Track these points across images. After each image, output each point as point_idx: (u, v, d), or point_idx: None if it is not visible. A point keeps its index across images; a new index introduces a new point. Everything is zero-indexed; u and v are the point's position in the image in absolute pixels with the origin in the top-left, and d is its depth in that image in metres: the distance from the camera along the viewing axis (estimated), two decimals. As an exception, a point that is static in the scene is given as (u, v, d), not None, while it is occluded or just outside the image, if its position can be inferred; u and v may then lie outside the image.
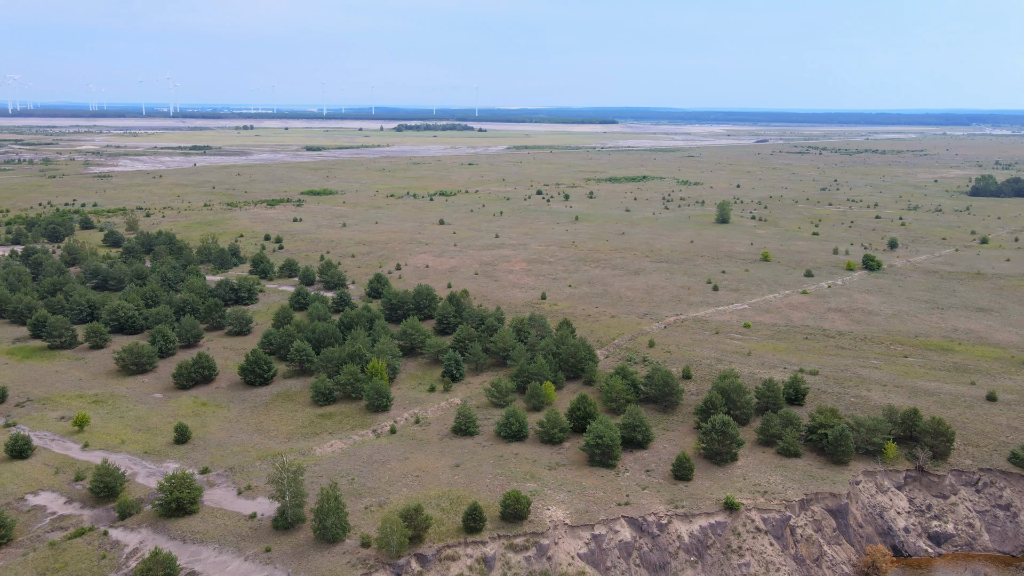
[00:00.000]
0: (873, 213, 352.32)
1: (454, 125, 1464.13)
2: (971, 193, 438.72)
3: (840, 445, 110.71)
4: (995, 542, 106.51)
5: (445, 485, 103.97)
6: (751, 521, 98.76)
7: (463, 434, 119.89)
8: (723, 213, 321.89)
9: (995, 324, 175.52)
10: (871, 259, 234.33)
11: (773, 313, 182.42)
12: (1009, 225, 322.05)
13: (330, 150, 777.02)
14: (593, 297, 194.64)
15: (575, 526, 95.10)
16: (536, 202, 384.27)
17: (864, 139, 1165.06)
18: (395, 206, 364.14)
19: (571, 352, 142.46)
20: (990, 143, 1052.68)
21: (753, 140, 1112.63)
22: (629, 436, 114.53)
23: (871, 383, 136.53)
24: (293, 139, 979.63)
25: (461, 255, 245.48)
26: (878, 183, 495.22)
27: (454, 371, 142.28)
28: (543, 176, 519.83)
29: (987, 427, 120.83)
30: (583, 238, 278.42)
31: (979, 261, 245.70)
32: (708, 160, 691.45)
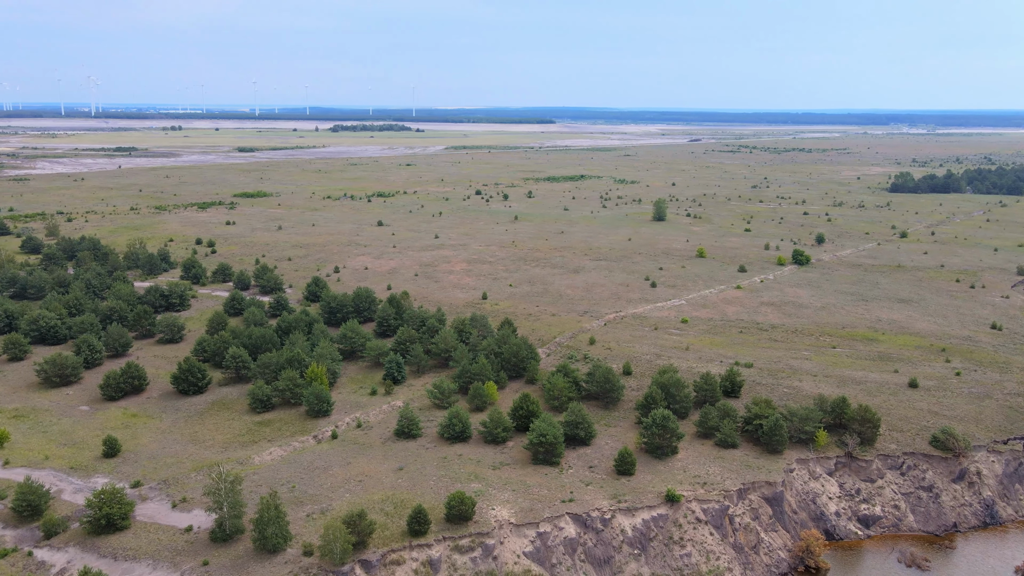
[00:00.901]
0: (801, 209, 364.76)
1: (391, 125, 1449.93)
2: (891, 189, 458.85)
3: (775, 435, 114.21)
4: (919, 522, 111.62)
5: (389, 489, 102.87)
6: (692, 512, 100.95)
7: (406, 437, 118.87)
8: (659, 211, 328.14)
9: (915, 314, 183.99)
10: (800, 254, 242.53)
11: (709, 308, 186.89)
12: (926, 220, 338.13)
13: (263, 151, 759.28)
14: (534, 296, 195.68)
15: (520, 525, 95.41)
16: (475, 202, 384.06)
17: (791, 138, 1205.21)
18: (332, 208, 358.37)
19: (513, 351, 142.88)
20: (907, 142, 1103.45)
21: (687, 139, 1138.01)
22: (572, 433, 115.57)
23: (802, 374, 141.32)
24: (224, 140, 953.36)
25: (401, 256, 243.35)
26: (805, 180, 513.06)
27: (396, 374, 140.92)
28: (482, 176, 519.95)
29: (910, 413, 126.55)
30: (523, 237, 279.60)
31: (900, 254, 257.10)
32: (644, 159, 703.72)
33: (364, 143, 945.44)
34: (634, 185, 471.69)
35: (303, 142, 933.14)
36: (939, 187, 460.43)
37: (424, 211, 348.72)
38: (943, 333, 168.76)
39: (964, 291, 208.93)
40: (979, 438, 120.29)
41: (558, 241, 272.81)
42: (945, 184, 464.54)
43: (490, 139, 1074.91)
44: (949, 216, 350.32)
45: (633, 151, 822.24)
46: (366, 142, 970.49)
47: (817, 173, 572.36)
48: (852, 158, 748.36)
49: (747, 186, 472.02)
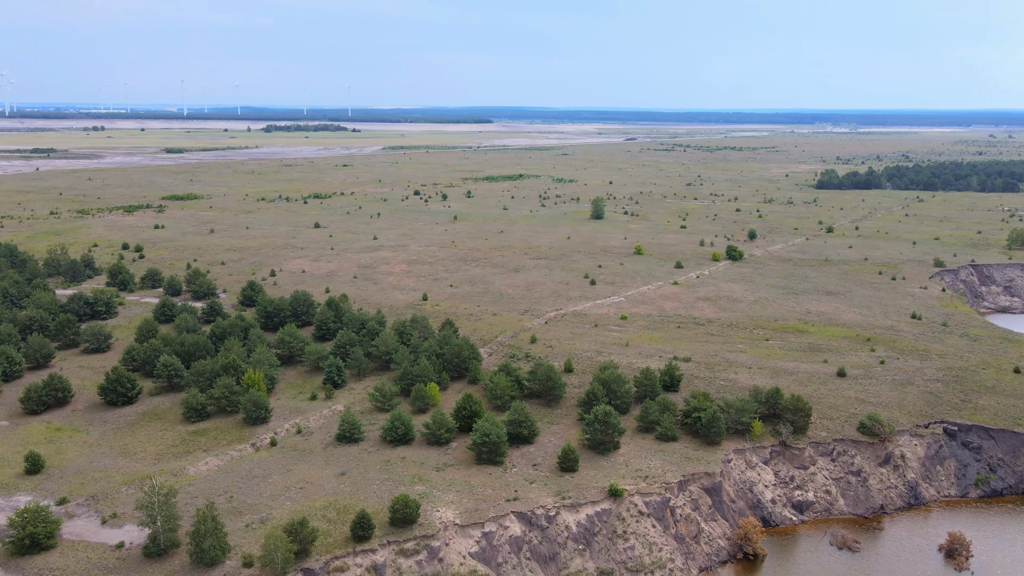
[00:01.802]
0: (734, 206, 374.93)
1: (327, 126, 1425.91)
2: (817, 186, 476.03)
3: (712, 427, 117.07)
4: (849, 506, 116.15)
5: (331, 495, 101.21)
6: (634, 506, 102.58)
7: (348, 441, 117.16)
8: (597, 209, 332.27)
9: (842, 306, 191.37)
10: (734, 250, 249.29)
11: (648, 304, 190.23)
12: (850, 215, 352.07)
13: (193, 152, 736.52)
14: (475, 296, 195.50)
15: (465, 525, 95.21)
16: (414, 202, 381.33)
17: (723, 137, 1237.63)
18: (267, 210, 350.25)
19: (455, 352, 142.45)
20: (832, 140, 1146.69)
21: (623, 138, 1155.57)
22: (515, 432, 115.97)
23: (738, 366, 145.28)
24: (151, 141, 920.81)
25: (339, 259, 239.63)
26: (737, 178, 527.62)
27: (336, 378, 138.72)
28: (420, 176, 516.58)
29: (839, 401, 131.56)
30: (462, 237, 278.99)
31: (826, 248, 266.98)
32: (581, 158, 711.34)
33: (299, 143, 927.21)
34: (572, 184, 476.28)
35: (235, 143, 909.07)
36: (862, 184, 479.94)
37: (362, 212, 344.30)
38: (868, 324, 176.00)
39: (886, 283, 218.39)
40: (902, 423, 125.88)
41: (498, 240, 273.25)
42: (867, 181, 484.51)
43: (428, 139, 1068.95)
44: (871, 211, 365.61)
45: (571, 150, 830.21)
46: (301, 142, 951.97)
47: (748, 171, 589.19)
48: (781, 156, 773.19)
49: (682, 184, 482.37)
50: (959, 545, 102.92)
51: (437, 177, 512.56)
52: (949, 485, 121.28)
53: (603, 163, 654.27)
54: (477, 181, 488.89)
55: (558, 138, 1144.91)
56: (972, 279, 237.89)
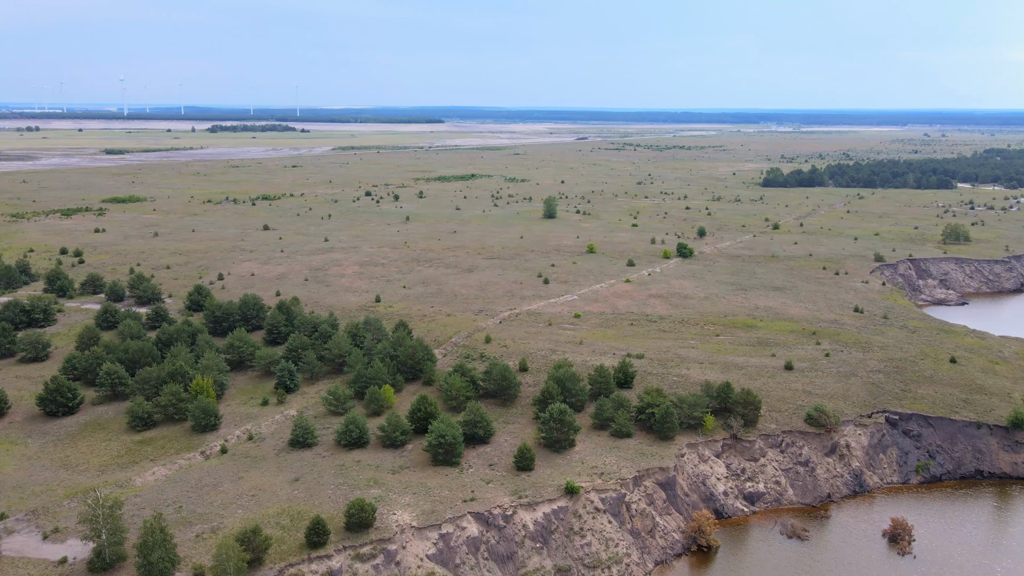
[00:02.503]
0: (683, 204, 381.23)
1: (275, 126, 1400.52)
2: (763, 184, 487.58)
3: (666, 422, 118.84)
4: (798, 495, 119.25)
5: (285, 502, 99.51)
6: (591, 503, 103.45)
7: (301, 446, 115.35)
8: (550, 208, 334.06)
9: (789, 301, 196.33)
10: (684, 247, 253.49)
11: (601, 302, 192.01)
12: (795, 212, 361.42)
13: (135, 153, 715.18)
14: (428, 297, 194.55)
15: (422, 528, 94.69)
16: (366, 203, 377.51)
17: (672, 136, 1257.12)
18: (213, 212, 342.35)
19: (409, 353, 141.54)
20: (776, 139, 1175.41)
21: (574, 138, 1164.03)
22: (471, 432, 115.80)
23: (690, 362, 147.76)
24: (89, 142, 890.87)
25: (289, 261, 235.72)
26: (686, 176, 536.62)
27: (288, 382, 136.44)
28: (371, 177, 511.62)
29: (786, 393, 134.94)
30: (415, 238, 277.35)
31: (773, 245, 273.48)
32: (533, 157, 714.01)
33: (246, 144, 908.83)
34: (524, 183, 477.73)
35: (179, 143, 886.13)
36: (805, 181, 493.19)
37: (312, 214, 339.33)
38: (813, 317, 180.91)
39: (830, 278, 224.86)
40: (847, 413, 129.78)
41: (451, 241, 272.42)
42: (811, 179, 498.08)
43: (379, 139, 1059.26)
44: (815, 208, 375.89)
45: (522, 150, 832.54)
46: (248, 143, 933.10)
47: (697, 169, 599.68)
48: (728, 155, 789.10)
49: (633, 183, 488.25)
50: (902, 530, 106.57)
51: (389, 178, 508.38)
52: (891, 472, 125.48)
53: (555, 163, 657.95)
54: (429, 181, 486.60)
55: (510, 138, 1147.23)
56: (910, 273, 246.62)
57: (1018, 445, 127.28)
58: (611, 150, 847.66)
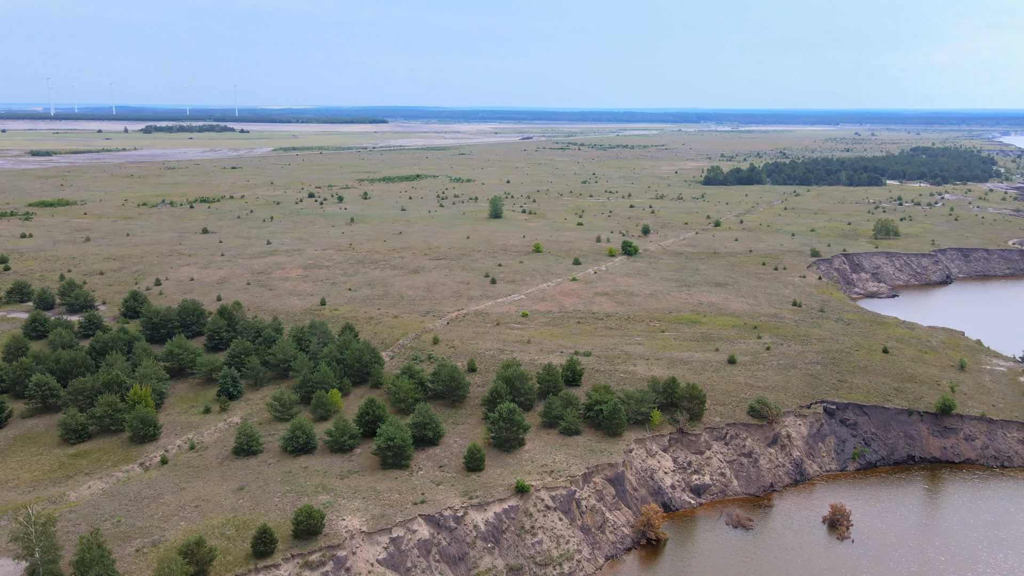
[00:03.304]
0: (628, 203, 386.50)
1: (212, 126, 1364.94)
2: (704, 182, 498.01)
3: (614, 418, 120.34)
4: (742, 486, 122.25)
5: (229, 511, 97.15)
6: (541, 501, 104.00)
7: (246, 454, 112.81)
8: (496, 208, 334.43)
9: (731, 296, 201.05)
10: (629, 245, 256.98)
11: (548, 301, 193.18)
12: (735, 209, 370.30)
13: (63, 155, 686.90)
14: (374, 299, 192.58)
15: (372, 532, 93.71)
16: (309, 205, 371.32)
17: (616, 136, 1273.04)
18: (149, 216, 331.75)
19: (356, 357, 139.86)
20: (716, 138, 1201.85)
21: (519, 137, 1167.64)
22: (420, 434, 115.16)
23: (636, 358, 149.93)
24: (13, 142, 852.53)
25: (230, 265, 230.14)
26: (630, 175, 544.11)
27: (231, 389, 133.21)
28: (314, 178, 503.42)
29: (730, 387, 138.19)
30: (360, 240, 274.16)
31: (715, 242, 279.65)
32: (479, 157, 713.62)
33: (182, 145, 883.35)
34: (470, 183, 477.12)
35: (111, 144, 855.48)
36: (744, 179, 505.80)
37: (254, 216, 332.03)
38: (754, 312, 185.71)
39: (769, 273, 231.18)
40: (787, 405, 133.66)
41: (397, 242, 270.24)
42: (749, 176, 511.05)
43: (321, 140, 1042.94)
44: (754, 206, 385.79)
45: (467, 150, 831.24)
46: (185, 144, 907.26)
47: (640, 168, 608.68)
48: (670, 154, 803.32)
49: (578, 182, 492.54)
50: (840, 516, 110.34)
51: (332, 179, 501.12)
52: (830, 460, 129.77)
53: (500, 162, 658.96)
54: (374, 182, 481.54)
55: (455, 138, 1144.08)
56: (844, 267, 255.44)
57: (947, 430, 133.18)
58: (556, 150, 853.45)
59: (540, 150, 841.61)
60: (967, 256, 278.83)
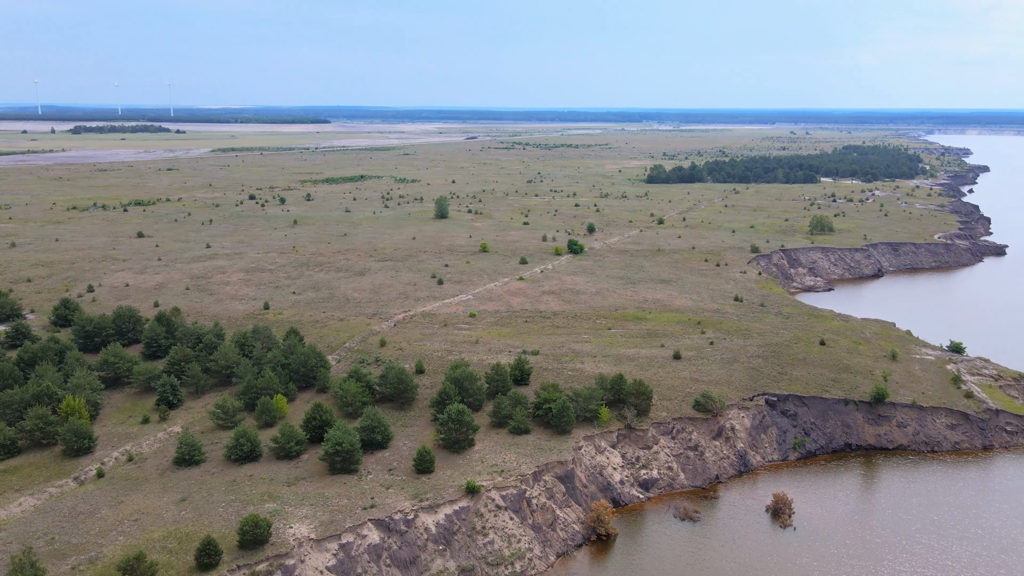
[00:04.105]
0: (573, 201, 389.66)
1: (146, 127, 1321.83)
2: (648, 181, 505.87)
3: (563, 416, 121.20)
4: (689, 479, 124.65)
5: (171, 524, 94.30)
6: (492, 501, 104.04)
7: (188, 464, 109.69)
8: (441, 208, 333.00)
9: (675, 292, 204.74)
10: (575, 243, 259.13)
11: (495, 301, 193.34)
12: (678, 207, 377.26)
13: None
14: (319, 302, 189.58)
15: (321, 539, 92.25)
16: (250, 207, 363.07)
17: (560, 135, 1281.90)
18: (80, 220, 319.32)
19: (301, 361, 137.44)
20: (658, 137, 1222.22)
21: (464, 137, 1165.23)
22: (369, 438, 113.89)
23: (584, 356, 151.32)
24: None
25: (168, 270, 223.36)
26: (574, 174, 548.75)
27: (170, 397, 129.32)
28: (255, 180, 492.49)
29: (676, 382, 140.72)
30: (304, 242, 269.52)
31: (659, 239, 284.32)
32: (423, 157, 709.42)
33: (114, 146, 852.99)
34: (415, 184, 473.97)
35: (37, 145, 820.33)
36: (686, 177, 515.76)
37: (192, 219, 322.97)
38: (698, 308, 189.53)
39: (712, 269, 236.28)
40: (731, 398, 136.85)
41: (341, 244, 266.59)
42: (691, 175, 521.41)
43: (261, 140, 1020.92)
44: (696, 203, 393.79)
45: (412, 150, 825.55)
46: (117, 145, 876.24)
47: (584, 167, 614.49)
48: (614, 153, 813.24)
49: (523, 181, 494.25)
50: (783, 504, 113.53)
51: (274, 180, 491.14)
52: (772, 451, 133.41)
53: (445, 162, 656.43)
54: (317, 183, 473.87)
55: (399, 138, 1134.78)
56: (783, 262, 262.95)
57: (880, 418, 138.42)
58: (501, 149, 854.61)
59: (485, 150, 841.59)
60: (896, 250, 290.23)
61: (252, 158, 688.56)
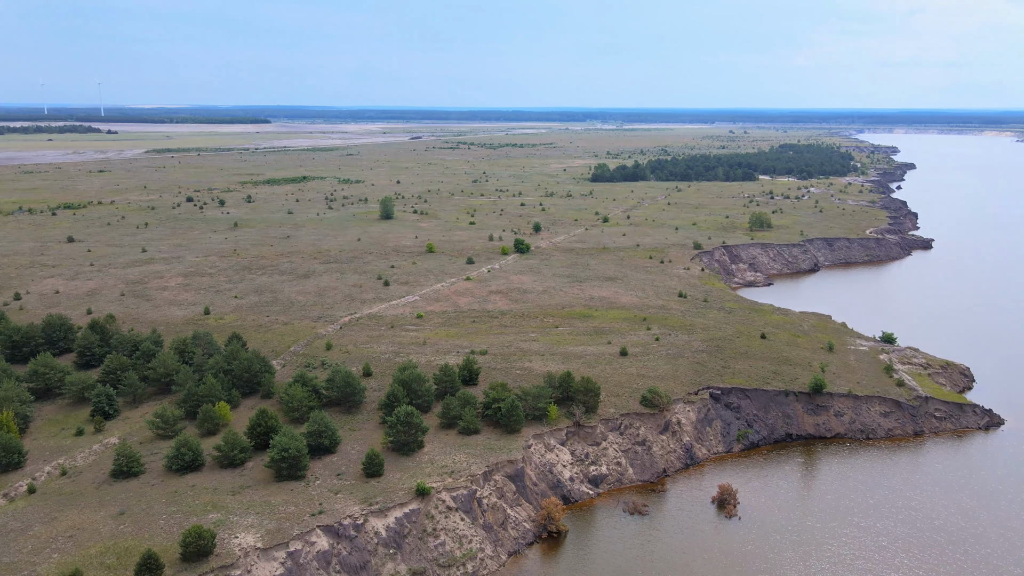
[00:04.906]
0: (518, 201, 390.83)
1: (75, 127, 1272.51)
2: (592, 179, 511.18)
3: (512, 415, 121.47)
4: (637, 473, 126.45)
5: (109, 538, 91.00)
6: (442, 502, 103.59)
7: (126, 476, 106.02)
8: (386, 209, 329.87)
9: (620, 290, 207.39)
10: (521, 243, 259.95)
11: (442, 301, 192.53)
12: (622, 205, 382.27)
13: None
14: (263, 306, 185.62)
15: (268, 548, 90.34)
16: (188, 210, 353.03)
17: (505, 134, 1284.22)
18: (4, 224, 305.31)
19: (244, 367, 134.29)
20: (602, 136, 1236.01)
21: (408, 137, 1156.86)
22: (316, 443, 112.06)
23: (532, 354, 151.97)
24: None
25: (101, 276, 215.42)
26: (520, 174, 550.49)
27: (106, 408, 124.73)
28: (193, 181, 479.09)
29: (623, 378, 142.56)
30: (245, 245, 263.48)
31: (604, 237, 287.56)
32: (367, 158, 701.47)
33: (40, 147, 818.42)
34: (359, 185, 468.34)
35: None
36: (630, 176, 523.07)
37: (126, 223, 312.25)
38: (643, 304, 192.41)
39: (656, 266, 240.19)
40: (677, 392, 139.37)
41: (284, 246, 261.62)
42: (634, 173, 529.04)
43: (199, 141, 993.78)
44: (639, 201, 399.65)
45: (355, 150, 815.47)
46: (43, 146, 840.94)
47: (529, 166, 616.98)
48: (558, 152, 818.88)
49: (468, 181, 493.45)
50: (728, 495, 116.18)
51: (212, 182, 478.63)
52: (717, 443, 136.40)
53: (389, 163, 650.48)
54: (258, 185, 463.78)
55: (342, 138, 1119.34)
56: (724, 259, 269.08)
57: (819, 408, 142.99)
58: (446, 149, 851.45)
59: (430, 150, 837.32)
60: (831, 245, 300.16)
61: (189, 159, 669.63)
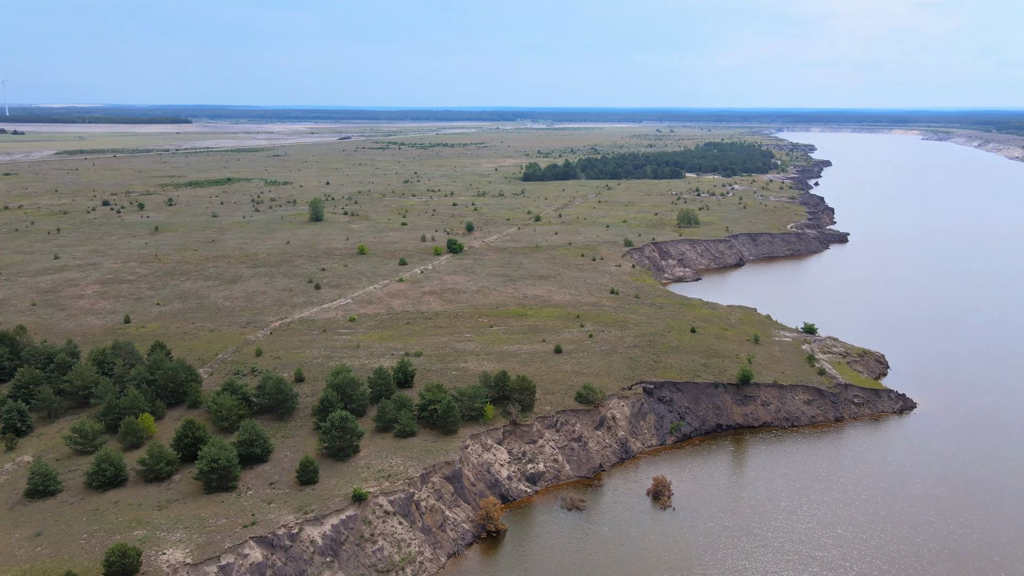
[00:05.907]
0: (451, 201, 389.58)
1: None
2: (524, 178, 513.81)
3: (448, 416, 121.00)
4: (574, 470, 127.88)
5: (25, 561, 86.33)
6: (380, 507, 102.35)
7: (42, 495, 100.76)
8: (316, 211, 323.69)
9: (553, 288, 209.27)
10: (454, 243, 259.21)
11: (375, 304, 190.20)
12: (553, 204, 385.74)
13: None
14: (187, 313, 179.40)
15: (198, 563, 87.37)
16: (104, 214, 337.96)
17: (435, 134, 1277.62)
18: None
19: (169, 376, 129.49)
20: (532, 135, 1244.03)
21: (337, 137, 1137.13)
22: (247, 452, 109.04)
23: (467, 355, 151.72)
24: None
25: (9, 285, 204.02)
26: (451, 173, 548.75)
27: (18, 424, 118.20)
28: (109, 184, 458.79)
29: (558, 375, 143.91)
30: (167, 250, 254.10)
31: (536, 236, 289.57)
32: (295, 159, 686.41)
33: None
34: (287, 186, 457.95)
35: None
36: (561, 175, 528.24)
37: (36, 228, 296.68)
38: (576, 302, 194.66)
39: (588, 264, 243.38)
40: (611, 388, 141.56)
41: (209, 250, 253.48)
42: (565, 172, 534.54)
43: (114, 141, 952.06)
44: (571, 200, 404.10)
45: (282, 151, 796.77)
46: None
47: (461, 166, 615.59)
48: (489, 151, 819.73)
49: (399, 181, 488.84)
50: (662, 487, 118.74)
51: (130, 184, 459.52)
52: (651, 436, 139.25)
53: (318, 163, 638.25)
54: (179, 187, 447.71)
55: (268, 138, 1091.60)
56: (654, 255, 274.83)
57: (747, 398, 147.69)
58: (376, 149, 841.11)
59: (360, 150, 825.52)
60: (755, 240, 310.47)
61: (104, 161, 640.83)
